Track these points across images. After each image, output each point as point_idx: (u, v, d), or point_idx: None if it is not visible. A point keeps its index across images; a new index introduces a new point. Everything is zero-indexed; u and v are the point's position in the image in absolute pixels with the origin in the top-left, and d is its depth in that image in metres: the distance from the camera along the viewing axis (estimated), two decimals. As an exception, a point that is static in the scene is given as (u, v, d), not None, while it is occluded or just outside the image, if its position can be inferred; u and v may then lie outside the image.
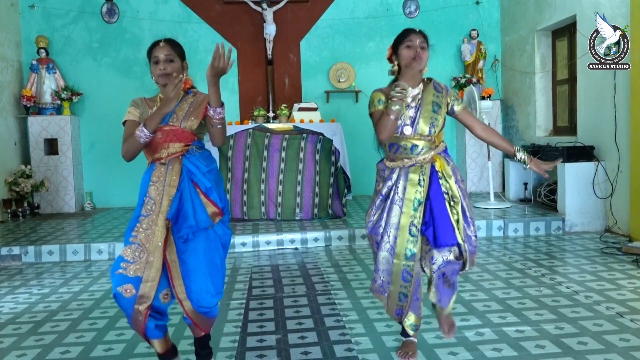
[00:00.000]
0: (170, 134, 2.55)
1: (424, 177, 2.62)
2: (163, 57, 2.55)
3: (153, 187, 2.52)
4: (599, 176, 5.70)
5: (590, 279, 4.05)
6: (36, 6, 7.81)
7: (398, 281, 2.64)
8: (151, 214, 2.48)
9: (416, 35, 2.63)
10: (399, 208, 2.63)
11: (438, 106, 2.64)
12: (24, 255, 5.26)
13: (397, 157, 2.67)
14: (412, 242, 2.60)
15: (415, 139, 2.62)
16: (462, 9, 8.31)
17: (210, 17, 8.06)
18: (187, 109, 2.59)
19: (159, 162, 2.56)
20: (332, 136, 6.42)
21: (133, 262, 2.42)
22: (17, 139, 7.47)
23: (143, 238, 2.45)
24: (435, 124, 2.63)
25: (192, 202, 2.50)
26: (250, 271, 4.67)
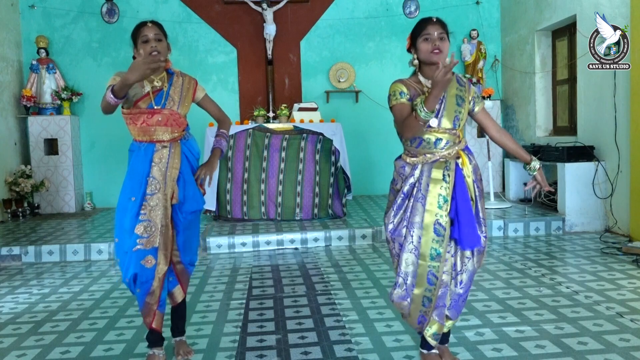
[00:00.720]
0: (170, 118, 2.70)
1: (449, 172, 2.47)
2: (152, 35, 2.67)
3: (156, 167, 2.69)
4: (599, 176, 5.70)
5: (590, 279, 4.05)
6: (36, 6, 7.81)
7: (423, 284, 2.49)
8: (156, 193, 2.68)
9: (434, 27, 2.46)
10: (422, 206, 2.47)
11: (462, 99, 2.52)
12: (24, 255, 5.26)
13: (419, 152, 2.51)
14: (438, 242, 2.45)
15: (439, 133, 2.47)
16: (462, 9, 8.31)
17: (210, 17, 8.06)
18: (180, 92, 2.76)
19: (160, 144, 2.71)
20: (332, 136, 6.42)
21: (147, 236, 2.67)
22: (17, 139, 7.47)
23: (153, 214, 2.67)
24: (460, 117, 2.50)
25: (194, 186, 2.79)
26: (250, 271, 4.67)
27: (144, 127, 2.69)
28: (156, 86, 2.72)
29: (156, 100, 2.69)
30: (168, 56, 2.74)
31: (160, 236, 2.68)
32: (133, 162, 2.73)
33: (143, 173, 2.69)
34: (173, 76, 2.79)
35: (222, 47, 8.14)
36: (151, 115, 2.68)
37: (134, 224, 2.66)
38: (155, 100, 2.69)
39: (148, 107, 2.68)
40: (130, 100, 2.69)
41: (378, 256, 5.01)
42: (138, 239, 2.66)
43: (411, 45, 2.54)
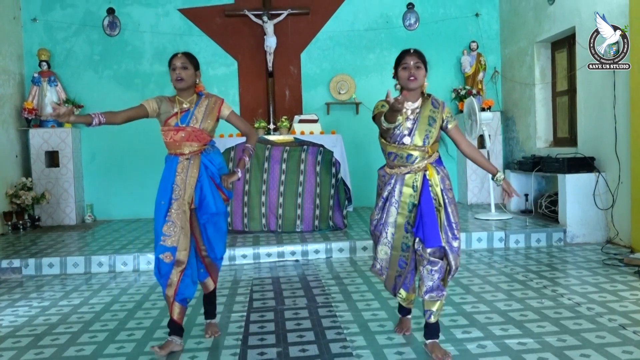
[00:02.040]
0: (192, 134, 3.18)
1: (417, 183, 2.94)
2: (179, 64, 3.16)
3: (179, 177, 3.17)
4: (600, 187, 5.70)
5: (592, 291, 4.04)
6: (38, 19, 7.87)
7: (395, 267, 3.08)
8: (179, 198, 3.15)
9: (410, 57, 2.92)
10: (395, 209, 2.98)
11: (433, 120, 2.94)
12: (24, 268, 5.25)
13: (395, 165, 2.99)
14: (407, 238, 2.99)
15: (411, 149, 2.92)
16: (462, 21, 8.36)
17: (211, 30, 8.11)
18: (204, 111, 3.22)
19: (182, 157, 3.19)
20: (332, 148, 6.43)
21: (169, 235, 3.11)
22: (18, 151, 7.49)
23: (175, 217, 3.13)
24: (430, 136, 2.92)
25: (212, 193, 3.21)
26: (251, 283, 4.65)
27: (171, 141, 3.18)
28: (184, 107, 3.21)
29: (182, 119, 3.18)
30: (198, 81, 3.27)
31: (179, 237, 3.11)
32: (164, 171, 3.23)
33: (169, 181, 3.17)
34: (201, 98, 3.28)
35: (222, 59, 8.18)
36: (176, 132, 3.17)
37: (162, 223, 3.13)
38: (181, 119, 3.18)
39: (175, 125, 3.18)
40: (162, 119, 3.19)
41: (379, 268, 4.99)
42: (162, 236, 3.12)
43: (395, 74, 3.02)
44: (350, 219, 6.93)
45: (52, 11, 7.91)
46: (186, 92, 3.23)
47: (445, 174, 2.99)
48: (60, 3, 7.94)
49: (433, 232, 2.86)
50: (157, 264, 3.16)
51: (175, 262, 3.12)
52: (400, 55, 2.97)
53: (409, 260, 3.03)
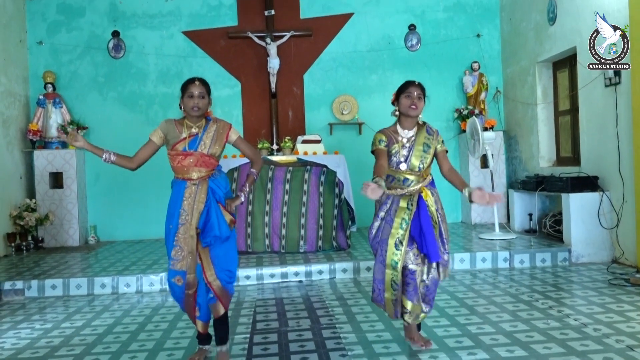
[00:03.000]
0: (200, 159, 3.20)
1: (412, 203, 3.23)
2: (197, 93, 3.18)
3: (186, 201, 3.19)
4: (604, 206, 5.68)
5: (599, 311, 4.00)
6: (44, 42, 7.96)
7: (389, 290, 3.24)
8: (185, 223, 3.17)
9: (415, 88, 3.23)
10: (389, 227, 3.23)
11: (428, 147, 3.26)
12: (27, 290, 5.23)
13: (392, 187, 3.26)
14: (396, 255, 3.19)
15: (407, 174, 3.23)
16: (463, 41, 8.42)
17: (215, 52, 8.18)
18: (212, 137, 3.24)
19: (190, 182, 3.20)
20: (335, 168, 6.44)
21: (177, 259, 3.17)
22: (23, 172, 7.52)
23: (182, 241, 3.17)
24: (424, 162, 3.25)
25: (217, 216, 3.19)
26: (254, 305, 4.63)
27: (179, 166, 3.20)
28: (193, 132, 3.22)
29: (190, 144, 3.19)
30: (209, 109, 3.37)
31: (187, 260, 3.15)
32: (172, 196, 3.25)
33: (176, 206, 3.19)
34: (209, 123, 3.29)
35: (226, 80, 8.24)
36: (184, 157, 3.19)
37: (171, 247, 3.19)
38: (190, 144, 3.19)
39: (183, 149, 3.19)
40: (170, 144, 3.22)
41: (383, 289, 4.96)
42: (171, 261, 3.19)
43: (395, 99, 3.30)
44: (354, 239, 6.91)
45: (57, 34, 8.01)
46: (196, 118, 3.25)
47: (437, 195, 3.33)
48: (66, 26, 8.03)
49: (435, 248, 3.17)
50: (171, 287, 3.26)
51: (186, 284, 3.19)
52: (404, 85, 3.27)
53: (399, 281, 3.21)
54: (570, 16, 6.44)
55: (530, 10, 7.47)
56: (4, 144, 7.05)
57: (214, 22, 8.22)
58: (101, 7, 8.09)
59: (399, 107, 3.27)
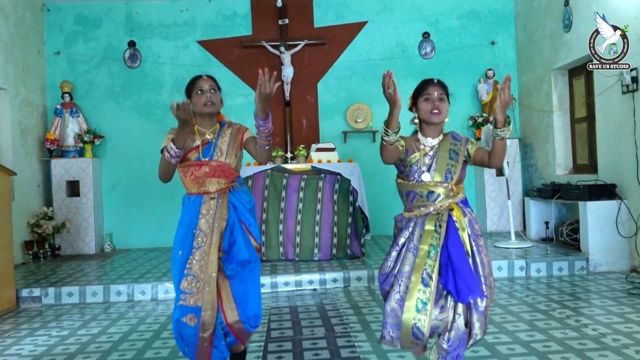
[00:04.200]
0: (217, 169, 2.73)
1: (440, 223, 2.52)
2: (207, 87, 2.76)
3: (203, 219, 2.68)
4: (622, 215, 5.61)
5: (618, 321, 3.94)
6: (62, 53, 8.07)
7: (408, 338, 2.45)
8: (202, 246, 2.64)
9: (434, 87, 2.59)
10: (412, 256, 2.51)
11: (455, 154, 2.60)
12: (44, 297, 5.28)
13: (414, 206, 2.60)
14: (424, 293, 2.43)
15: (431, 186, 2.55)
16: (478, 49, 8.40)
17: (230, 61, 8.24)
18: (228, 141, 2.78)
19: (207, 196, 2.71)
20: (349, 176, 6.43)
21: (191, 293, 2.60)
22: (40, 181, 7.61)
23: (197, 269, 2.62)
24: (452, 171, 2.57)
25: (244, 237, 2.71)
26: (269, 313, 4.62)
27: (193, 179, 2.73)
28: (207, 139, 2.78)
29: (204, 152, 2.74)
30: (221, 109, 2.84)
31: (204, 294, 2.61)
32: (183, 215, 2.76)
33: (190, 226, 2.70)
34: (223, 127, 2.84)
35: (240, 89, 8.29)
36: (199, 167, 2.72)
37: (180, 277, 2.65)
38: (203, 152, 2.74)
39: (196, 159, 2.73)
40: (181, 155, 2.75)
41: (398, 297, 4.93)
42: (182, 294, 2.62)
43: (413, 104, 2.66)
44: (368, 248, 6.88)
45: (75, 45, 8.12)
46: (209, 121, 2.80)
47: (473, 217, 2.60)
48: (83, 37, 8.15)
49: (469, 280, 2.40)
50: (177, 328, 2.63)
51: (201, 325, 2.60)
52: (421, 85, 2.64)
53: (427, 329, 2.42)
54: (586, 23, 6.39)
55: (545, 18, 7.43)
56: (22, 153, 7.15)
57: (229, 31, 8.28)
58: (117, 18, 8.20)
59: (418, 113, 2.62)
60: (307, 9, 8.27)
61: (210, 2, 8.28)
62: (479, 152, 2.64)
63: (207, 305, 2.61)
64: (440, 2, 8.41)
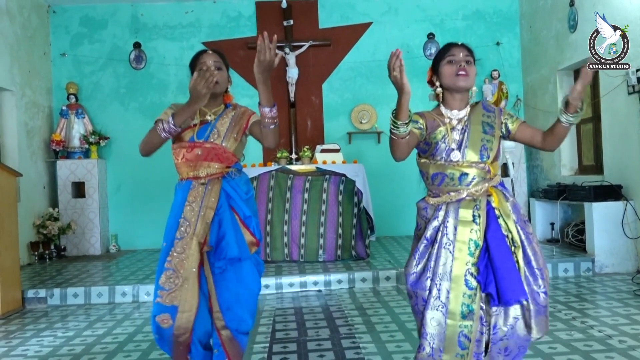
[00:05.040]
0: (211, 152, 2.42)
1: (479, 212, 2.15)
2: (212, 62, 2.46)
3: (189, 207, 2.39)
4: (628, 216, 5.58)
5: (624, 323, 3.92)
6: (67, 54, 8.10)
7: (453, 348, 2.10)
8: (185, 237, 2.36)
9: (459, 49, 2.23)
10: (450, 253, 2.14)
11: (490, 127, 2.22)
12: (50, 298, 5.30)
13: (443, 191, 2.20)
14: (470, 297, 2.10)
15: (464, 167, 2.16)
16: (483, 49, 8.38)
17: (235, 62, 8.23)
18: (228, 123, 2.48)
19: (197, 181, 2.43)
20: (354, 177, 6.42)
21: (168, 289, 2.31)
22: (46, 182, 7.64)
23: (177, 263, 2.34)
24: (488, 148, 2.18)
25: (235, 230, 2.38)
26: (274, 314, 4.62)
27: (183, 162, 2.44)
28: (206, 119, 2.49)
29: (199, 133, 2.44)
30: (229, 89, 2.55)
31: (182, 292, 2.31)
32: (172, 204, 2.50)
33: (177, 215, 2.43)
34: (227, 109, 2.54)
35: (245, 90, 8.28)
36: (191, 149, 2.42)
37: (160, 271, 2.38)
38: (198, 133, 2.44)
39: (189, 139, 2.44)
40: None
41: (403, 298, 4.93)
42: (159, 291, 2.34)
43: (432, 76, 2.30)
44: (373, 249, 6.87)
45: (80, 46, 8.15)
46: (213, 101, 2.50)
47: (515, 201, 2.24)
48: (88, 38, 8.17)
49: (513, 282, 2.06)
50: (155, 327, 2.36)
51: (175, 328, 2.30)
52: (444, 49, 2.26)
53: (473, 335, 2.10)
54: (592, 24, 6.36)
55: (550, 19, 7.41)
56: (27, 154, 7.18)
57: (234, 32, 8.30)
58: (123, 19, 8.22)
59: (441, 79, 2.23)
60: (312, 10, 8.28)
61: (215, 4, 8.30)
62: (527, 130, 2.27)
63: (184, 306, 2.31)
64: (445, 3, 8.40)
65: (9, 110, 6.93)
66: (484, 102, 2.34)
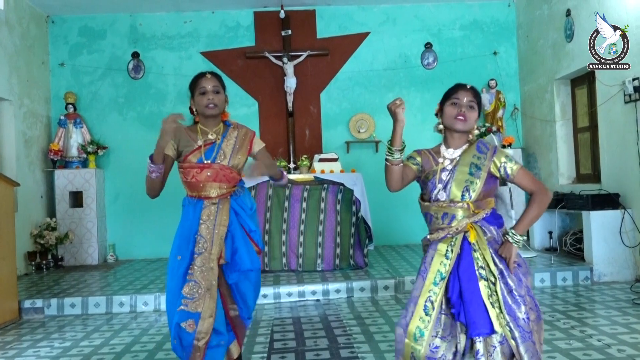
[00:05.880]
0: (219, 173, 2.64)
1: (452, 248, 2.30)
2: (211, 87, 2.67)
3: (204, 225, 2.62)
4: (626, 224, 5.59)
5: (623, 332, 3.91)
6: (66, 64, 8.12)
7: None
8: (203, 252, 2.61)
9: (465, 92, 2.38)
10: (422, 280, 2.32)
11: (477, 168, 2.32)
12: (47, 308, 5.27)
13: (433, 229, 2.37)
14: (423, 322, 2.24)
15: (444, 207, 2.32)
16: (480, 59, 8.42)
17: (233, 72, 8.27)
18: (233, 144, 2.70)
19: (208, 201, 2.64)
20: (352, 186, 6.43)
21: (192, 298, 2.57)
22: (44, 192, 7.63)
23: (199, 275, 2.60)
24: (471, 189, 2.30)
25: (246, 245, 2.68)
26: (272, 324, 4.61)
27: (193, 182, 2.65)
28: (210, 139, 2.69)
29: (207, 154, 2.65)
30: (226, 108, 2.76)
31: (205, 300, 2.58)
32: (183, 219, 2.71)
33: (191, 231, 2.64)
34: (229, 128, 2.76)
35: (243, 100, 8.32)
36: (200, 170, 2.63)
37: (181, 283, 2.60)
38: (206, 154, 2.65)
39: (198, 161, 2.64)
40: (182, 155, 2.68)
41: (401, 308, 4.92)
42: (183, 299, 2.59)
43: (440, 109, 2.44)
44: (371, 258, 6.86)
45: (79, 56, 8.17)
46: (213, 121, 2.72)
47: (495, 236, 2.33)
48: (87, 48, 8.20)
49: (478, 316, 2.17)
50: (177, 333, 2.58)
51: (198, 332, 2.56)
52: (452, 89, 2.42)
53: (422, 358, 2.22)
54: (588, 33, 6.37)
55: (547, 28, 7.45)
56: (25, 163, 7.17)
57: (232, 42, 8.32)
58: (122, 29, 8.25)
59: (443, 118, 2.39)
60: (310, 20, 8.32)
61: (213, 14, 8.33)
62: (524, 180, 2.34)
63: (206, 313, 2.58)
64: (442, 12, 8.45)
65: (7, 120, 6.93)
66: (480, 142, 2.43)
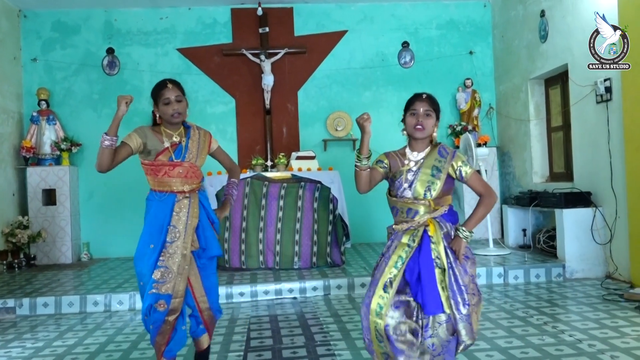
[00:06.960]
0: (189, 170, 2.96)
1: (415, 238, 2.60)
2: (174, 98, 2.91)
3: (176, 217, 2.92)
4: (597, 222, 5.70)
5: (593, 327, 4.00)
6: (38, 59, 7.97)
7: (374, 339, 2.58)
8: (175, 241, 2.90)
9: (421, 103, 2.66)
10: (385, 264, 2.62)
11: (438, 170, 2.63)
12: (19, 308, 5.18)
13: (398, 221, 2.68)
14: (382, 298, 2.55)
15: (409, 203, 2.63)
16: (456, 58, 8.50)
17: (210, 69, 8.22)
18: (197, 144, 3.02)
19: (181, 195, 2.95)
20: (330, 184, 6.44)
21: (163, 282, 2.88)
22: (16, 189, 7.48)
23: (170, 262, 2.89)
24: (432, 188, 2.62)
25: (212, 233, 3.03)
26: (249, 322, 4.60)
27: (165, 178, 2.93)
28: (175, 141, 2.96)
29: (176, 154, 2.94)
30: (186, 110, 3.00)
31: (175, 283, 2.89)
32: (153, 211, 2.95)
33: (163, 222, 2.91)
34: (190, 130, 3.04)
35: (221, 97, 8.27)
36: (172, 167, 2.92)
37: (152, 269, 2.89)
38: (175, 154, 2.94)
39: (169, 159, 2.93)
40: (151, 154, 2.94)
41: (378, 305, 4.94)
42: (154, 284, 2.88)
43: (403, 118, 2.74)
44: (348, 256, 6.89)
45: (52, 51, 8.03)
46: (177, 127, 3.01)
47: (449, 231, 2.64)
48: (60, 43, 8.06)
49: (433, 298, 2.50)
50: (148, 310, 2.91)
51: (169, 310, 2.90)
52: (410, 100, 2.71)
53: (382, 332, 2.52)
54: (562, 34, 6.52)
55: (522, 29, 7.55)
56: (-3, 160, 7.03)
57: (209, 39, 8.26)
58: (96, 24, 8.13)
59: (405, 127, 2.71)
60: (288, 18, 8.30)
61: (190, 10, 8.26)
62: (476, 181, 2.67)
63: (177, 294, 2.90)
64: (419, 12, 8.51)
65: (-23, 116, 6.78)
66: (441, 147, 2.71)
